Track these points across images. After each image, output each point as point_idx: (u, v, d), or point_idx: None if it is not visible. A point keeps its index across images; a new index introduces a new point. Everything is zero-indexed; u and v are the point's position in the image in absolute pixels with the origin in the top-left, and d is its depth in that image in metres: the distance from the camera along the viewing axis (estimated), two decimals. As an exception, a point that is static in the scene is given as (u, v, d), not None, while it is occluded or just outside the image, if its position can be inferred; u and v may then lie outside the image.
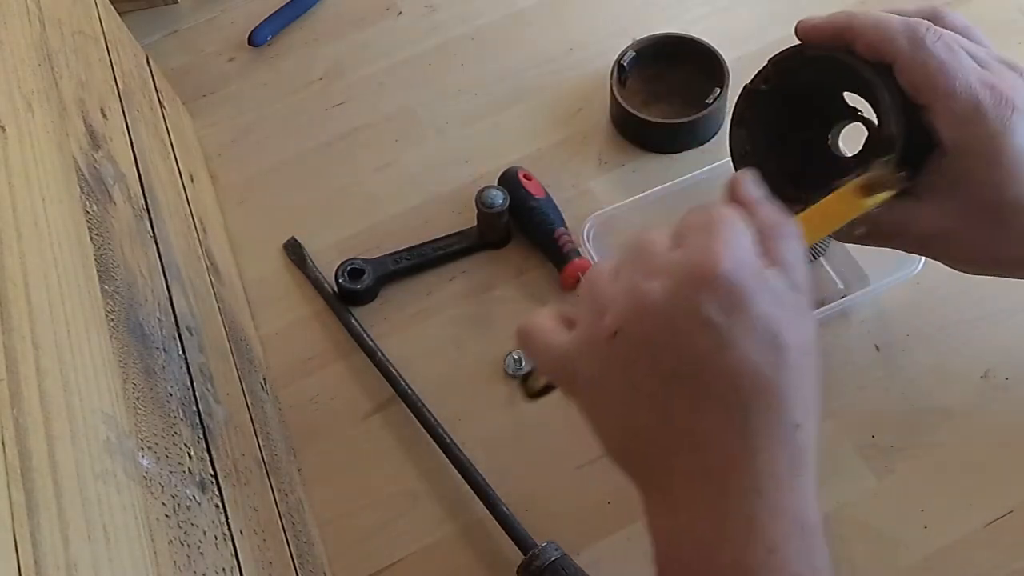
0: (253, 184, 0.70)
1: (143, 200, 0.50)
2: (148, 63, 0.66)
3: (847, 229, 0.42)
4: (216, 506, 0.40)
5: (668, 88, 0.70)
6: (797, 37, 0.44)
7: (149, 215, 0.50)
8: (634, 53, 0.68)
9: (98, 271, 0.38)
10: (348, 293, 0.63)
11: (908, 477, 0.55)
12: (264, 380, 0.59)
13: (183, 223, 0.56)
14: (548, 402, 0.59)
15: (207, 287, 0.56)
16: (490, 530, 0.54)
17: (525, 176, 0.65)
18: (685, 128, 0.66)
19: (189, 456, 0.39)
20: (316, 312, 0.64)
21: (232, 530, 0.40)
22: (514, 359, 0.60)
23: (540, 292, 0.63)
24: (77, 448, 0.30)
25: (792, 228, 0.36)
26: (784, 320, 0.33)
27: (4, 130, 0.35)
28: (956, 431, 0.56)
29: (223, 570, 0.37)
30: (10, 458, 0.26)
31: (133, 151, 0.52)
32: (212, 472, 0.41)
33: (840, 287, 0.60)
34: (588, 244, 0.60)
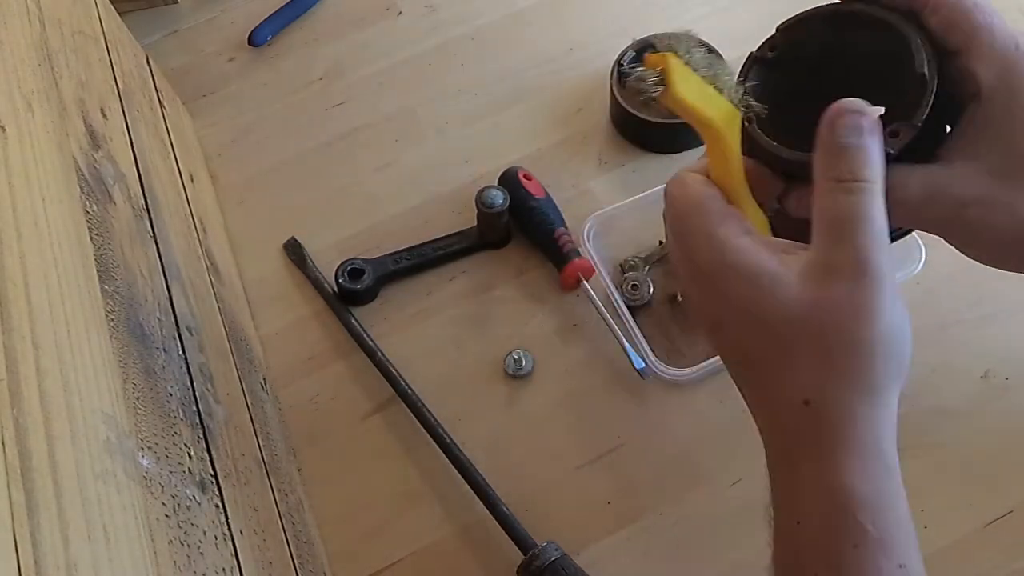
0: (253, 184, 0.70)
1: (143, 200, 0.50)
2: (148, 63, 0.66)
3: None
4: (216, 506, 0.40)
5: (668, 88, 0.70)
6: None
7: (149, 215, 0.50)
8: (634, 53, 0.68)
9: (98, 271, 0.38)
10: (348, 293, 0.63)
11: (908, 477, 0.55)
12: (264, 380, 0.59)
13: (183, 223, 0.56)
14: (548, 402, 0.59)
15: (207, 287, 0.56)
16: (490, 530, 0.54)
17: (525, 176, 0.65)
18: (685, 128, 0.66)
19: (189, 456, 0.39)
20: (316, 312, 0.64)
21: (232, 530, 0.40)
22: (514, 359, 0.60)
23: (540, 292, 0.63)
24: (77, 448, 0.30)
25: (852, 180, 0.37)
26: (756, 290, 0.38)
27: (4, 130, 0.35)
28: (956, 431, 0.56)
29: (223, 570, 0.37)
30: (10, 458, 0.26)
31: (133, 151, 0.52)
32: (212, 472, 0.41)
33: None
34: (588, 244, 0.60)
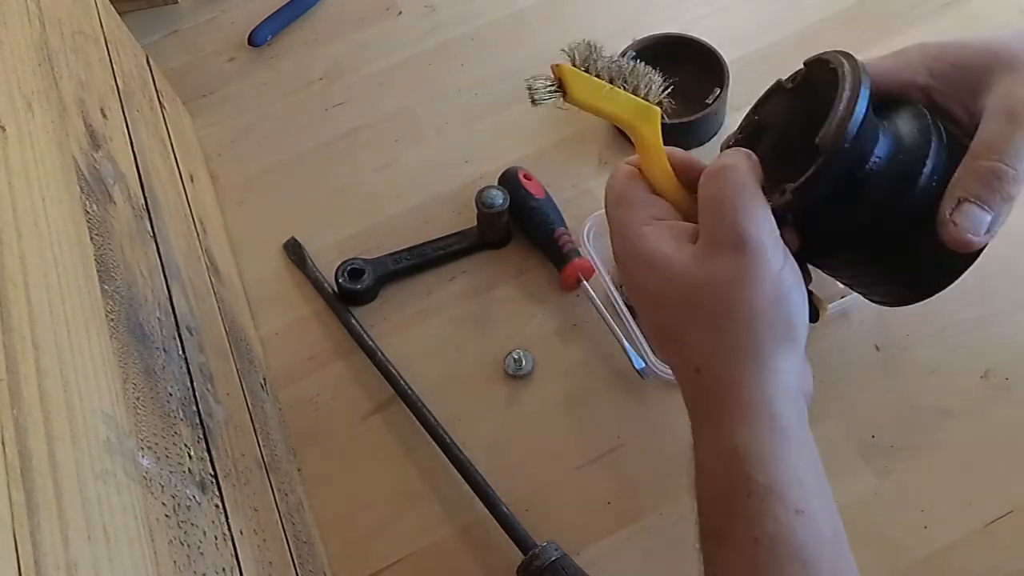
0: (253, 184, 0.70)
1: (143, 200, 0.50)
2: (148, 63, 0.66)
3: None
4: (216, 506, 0.40)
5: (668, 88, 0.70)
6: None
7: (149, 215, 0.50)
8: (634, 53, 0.68)
9: (98, 271, 0.38)
10: (348, 293, 0.63)
11: (908, 477, 0.55)
12: (264, 380, 0.59)
13: (183, 223, 0.56)
14: (548, 402, 0.59)
15: (207, 287, 0.56)
16: (490, 530, 0.54)
17: (525, 176, 0.65)
18: (685, 128, 0.66)
19: (189, 456, 0.39)
20: (316, 312, 0.64)
21: (232, 530, 0.40)
22: (514, 359, 0.60)
23: (540, 292, 0.63)
24: (77, 448, 0.30)
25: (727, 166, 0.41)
26: (652, 271, 0.41)
27: (4, 130, 0.35)
28: (956, 431, 0.56)
29: (223, 570, 0.37)
30: (10, 458, 0.26)
31: (133, 151, 0.52)
32: (212, 472, 0.41)
33: (840, 287, 0.60)
34: (588, 244, 0.60)
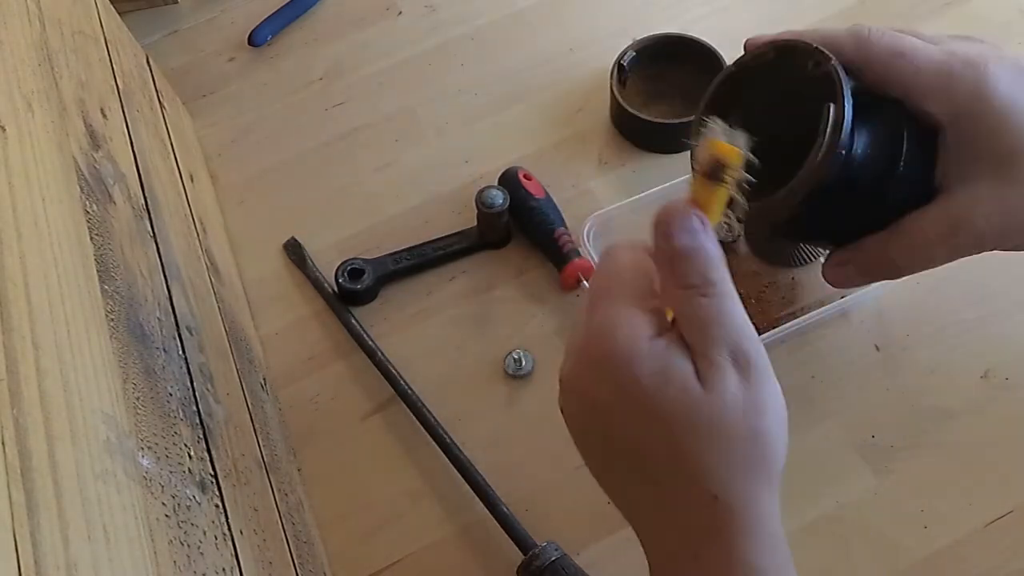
0: (253, 184, 0.70)
1: (143, 200, 0.50)
2: (148, 63, 0.66)
3: (904, 263, 0.42)
4: (216, 506, 0.40)
5: (668, 88, 0.70)
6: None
7: (149, 215, 0.50)
8: (634, 53, 0.68)
9: (98, 271, 0.38)
10: (348, 293, 0.63)
11: (908, 477, 0.55)
12: (264, 380, 0.59)
13: (183, 223, 0.56)
14: (548, 402, 0.59)
15: (207, 287, 0.56)
16: (490, 530, 0.54)
17: (525, 176, 0.65)
18: (685, 128, 0.66)
19: (189, 456, 0.39)
20: (316, 312, 0.64)
21: (232, 530, 0.40)
22: (514, 359, 0.60)
23: (540, 292, 0.63)
24: (77, 448, 0.30)
25: (700, 282, 0.33)
26: (661, 395, 0.33)
27: (4, 130, 0.35)
28: (956, 431, 0.56)
29: (223, 570, 0.37)
30: (10, 458, 0.26)
31: (133, 151, 0.52)
32: (212, 472, 0.41)
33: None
34: (588, 244, 0.60)
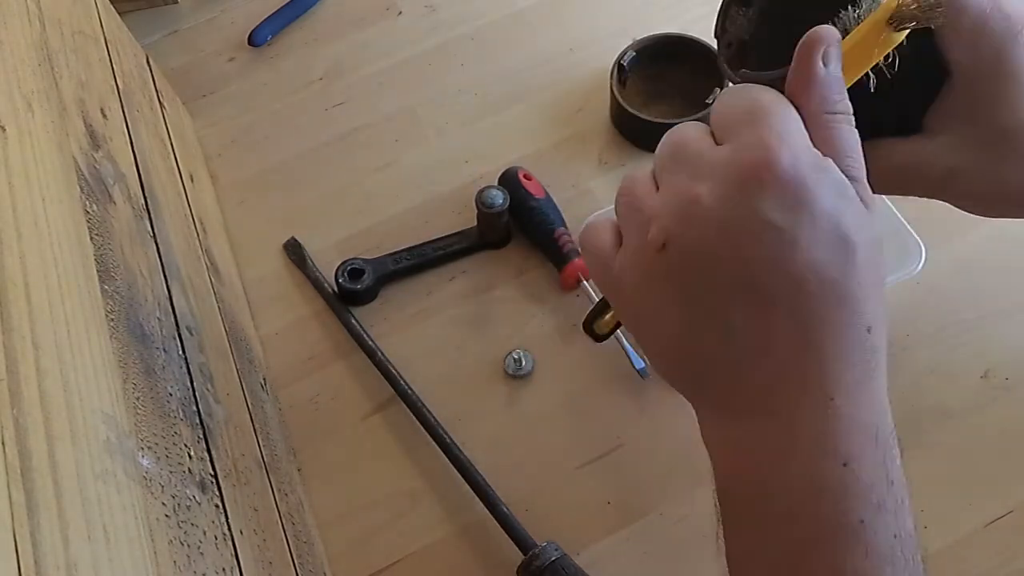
0: (253, 184, 0.70)
1: (143, 200, 0.50)
2: (148, 63, 0.66)
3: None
4: (216, 506, 0.40)
5: (668, 88, 0.70)
6: None
7: (149, 215, 0.50)
8: (634, 53, 0.68)
9: (98, 271, 0.38)
10: (348, 293, 0.63)
11: (908, 477, 0.55)
12: (264, 380, 0.59)
13: (183, 223, 0.56)
14: (548, 402, 0.59)
15: (207, 287, 0.56)
16: (490, 530, 0.54)
17: (525, 176, 0.65)
18: (685, 128, 0.66)
19: (189, 456, 0.39)
20: (316, 312, 0.64)
21: (232, 530, 0.40)
22: (514, 359, 0.60)
23: (540, 292, 0.63)
24: (77, 448, 0.30)
25: (848, 109, 0.33)
26: (850, 214, 0.31)
27: (4, 130, 0.35)
28: (956, 431, 0.56)
29: (223, 570, 0.37)
30: (10, 458, 0.26)
31: (133, 151, 0.52)
32: (212, 472, 0.41)
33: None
34: (588, 244, 0.60)
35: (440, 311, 0.63)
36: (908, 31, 0.34)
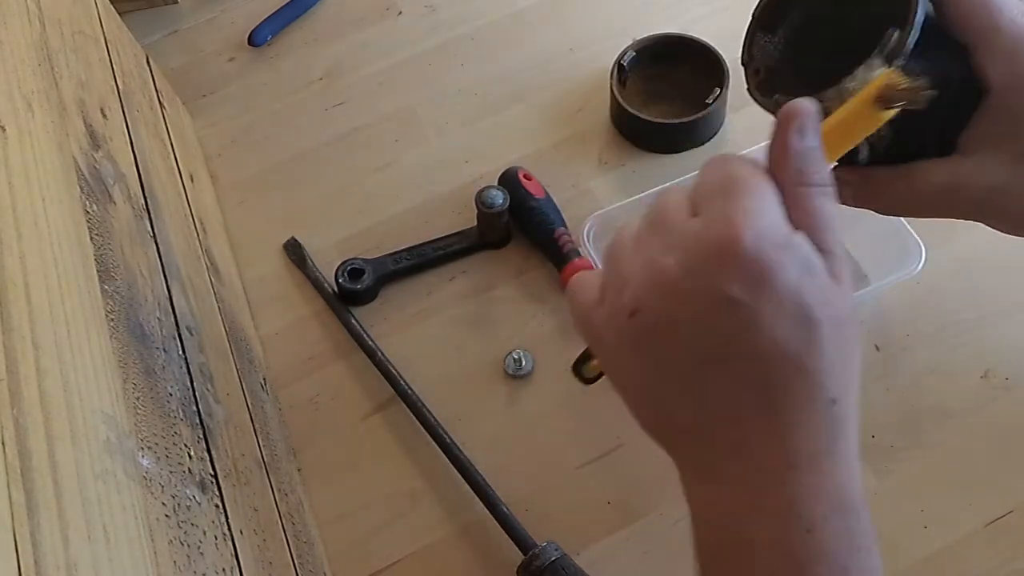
0: (253, 184, 0.70)
1: (143, 200, 0.50)
2: (148, 63, 0.66)
3: (895, 204, 0.39)
4: (216, 506, 0.40)
5: (668, 88, 0.70)
6: None
7: (149, 215, 0.50)
8: (634, 53, 0.68)
9: (98, 271, 0.38)
10: (348, 293, 0.63)
11: (908, 477, 0.55)
12: (264, 380, 0.59)
13: (183, 223, 0.56)
14: (548, 402, 0.59)
15: (207, 287, 0.56)
16: (490, 530, 0.54)
17: (525, 176, 0.65)
18: (685, 128, 0.67)
19: (189, 456, 0.39)
20: (316, 312, 0.64)
21: (232, 530, 0.40)
22: (514, 359, 0.60)
23: (540, 292, 0.63)
24: (77, 448, 0.30)
25: (825, 182, 0.33)
26: (814, 293, 0.31)
27: (4, 130, 0.35)
28: (956, 431, 0.56)
29: (223, 570, 0.37)
30: (10, 458, 0.26)
31: (133, 151, 0.52)
32: (212, 472, 0.41)
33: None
34: (588, 244, 0.60)
35: (440, 311, 0.63)
36: (896, 110, 0.34)
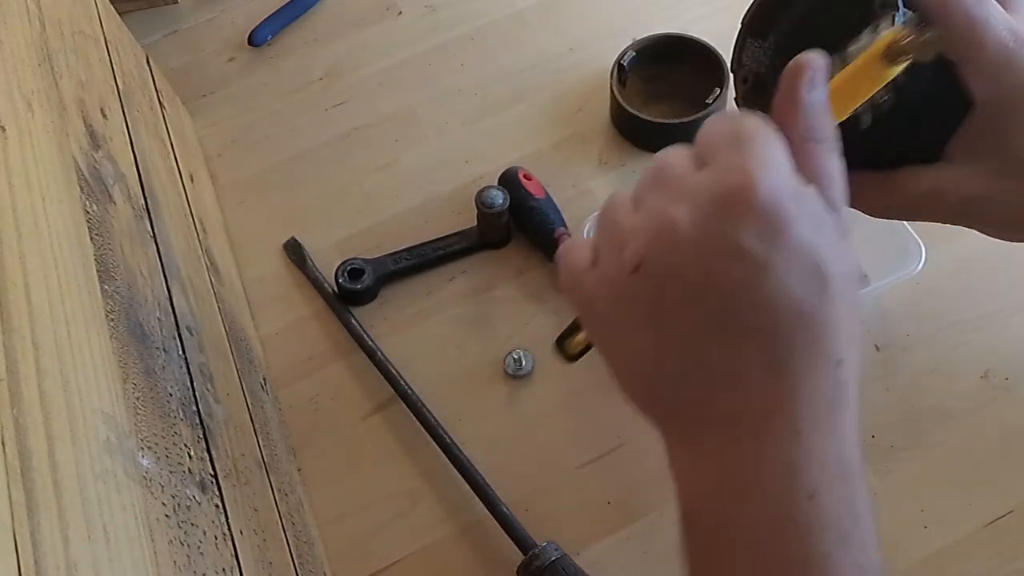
0: (253, 184, 0.70)
1: (143, 200, 0.50)
2: (148, 63, 0.66)
3: (880, 207, 0.40)
4: (216, 506, 0.40)
5: (668, 88, 0.70)
6: None
7: (149, 215, 0.50)
8: (634, 53, 0.68)
9: (98, 271, 0.38)
10: (348, 293, 0.63)
11: (908, 477, 0.55)
12: (264, 380, 0.59)
13: (183, 223, 0.56)
14: (548, 402, 0.59)
15: (207, 287, 0.56)
16: (490, 530, 0.54)
17: (525, 176, 0.65)
18: (685, 128, 0.66)
19: (189, 456, 0.39)
20: (316, 312, 0.64)
21: (232, 530, 0.40)
22: (514, 359, 0.60)
23: (540, 292, 0.63)
24: (77, 448, 0.30)
25: (833, 138, 0.32)
26: (826, 246, 0.30)
27: (4, 130, 0.35)
28: (956, 431, 0.56)
29: (223, 570, 0.37)
30: (10, 458, 0.26)
31: (133, 151, 0.52)
32: (212, 472, 0.41)
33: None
34: (588, 244, 0.60)
35: (440, 311, 0.63)
36: (903, 66, 0.34)
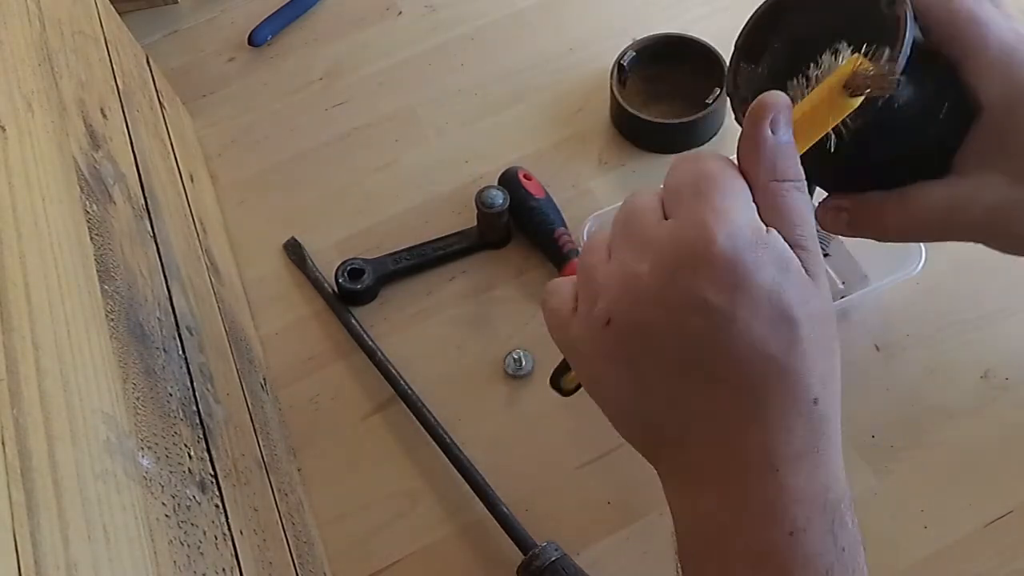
0: (253, 184, 0.70)
1: (143, 200, 0.50)
2: (148, 63, 0.66)
3: (897, 228, 0.39)
4: (216, 506, 0.40)
5: (668, 88, 0.70)
6: None
7: (149, 215, 0.50)
8: (634, 53, 0.68)
9: (98, 271, 0.38)
10: (348, 293, 0.63)
11: (908, 477, 0.55)
12: (264, 380, 0.59)
13: (183, 223, 0.56)
14: (548, 402, 0.59)
15: (207, 287, 0.56)
16: (490, 530, 0.54)
17: (525, 176, 0.65)
18: (685, 128, 0.66)
19: (189, 456, 0.39)
20: (316, 312, 0.64)
21: (232, 530, 0.40)
22: (514, 359, 0.60)
23: (540, 292, 0.63)
24: (77, 448, 0.30)
25: (799, 177, 0.32)
26: (792, 289, 0.30)
27: (4, 130, 0.35)
28: (956, 431, 0.56)
29: (223, 570, 0.37)
30: (10, 458, 0.26)
31: (133, 151, 0.52)
32: (212, 472, 0.41)
33: (840, 287, 0.60)
34: (588, 244, 0.60)
35: (440, 311, 0.63)
36: (862, 98, 0.34)
